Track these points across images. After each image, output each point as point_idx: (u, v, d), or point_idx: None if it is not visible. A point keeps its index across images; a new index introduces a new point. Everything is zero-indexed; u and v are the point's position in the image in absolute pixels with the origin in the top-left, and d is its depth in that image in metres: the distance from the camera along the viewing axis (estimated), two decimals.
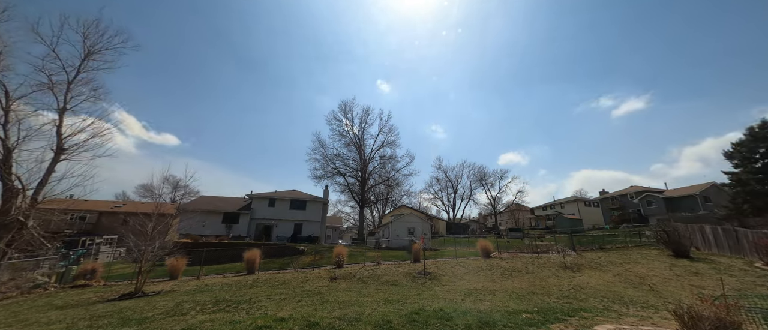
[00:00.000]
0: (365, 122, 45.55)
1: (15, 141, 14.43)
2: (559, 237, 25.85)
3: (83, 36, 17.36)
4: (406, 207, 51.99)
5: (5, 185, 13.72)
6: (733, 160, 25.86)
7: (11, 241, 13.17)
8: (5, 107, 14.51)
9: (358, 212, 46.31)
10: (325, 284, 12.17)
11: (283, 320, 6.14)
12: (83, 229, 33.04)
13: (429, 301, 8.31)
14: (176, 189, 53.63)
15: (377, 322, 5.88)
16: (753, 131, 24.67)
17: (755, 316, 5.41)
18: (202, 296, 10.02)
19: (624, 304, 7.98)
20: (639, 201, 45.23)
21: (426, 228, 30.99)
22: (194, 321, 6.50)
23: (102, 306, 9.22)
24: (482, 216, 68.40)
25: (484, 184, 58.83)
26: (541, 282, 11.89)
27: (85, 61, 17.31)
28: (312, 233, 33.85)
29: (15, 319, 7.84)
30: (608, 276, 12.61)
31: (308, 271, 15.73)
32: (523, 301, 8.49)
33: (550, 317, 6.46)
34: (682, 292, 9.42)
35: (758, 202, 22.60)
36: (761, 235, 14.15)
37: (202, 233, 28.53)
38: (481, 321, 5.96)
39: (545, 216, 56.62)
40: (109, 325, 6.63)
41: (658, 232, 18.10)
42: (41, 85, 15.72)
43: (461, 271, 14.64)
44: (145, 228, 12.25)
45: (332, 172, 43.14)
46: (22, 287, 12.33)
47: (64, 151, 15.57)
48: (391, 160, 46.66)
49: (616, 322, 6.11)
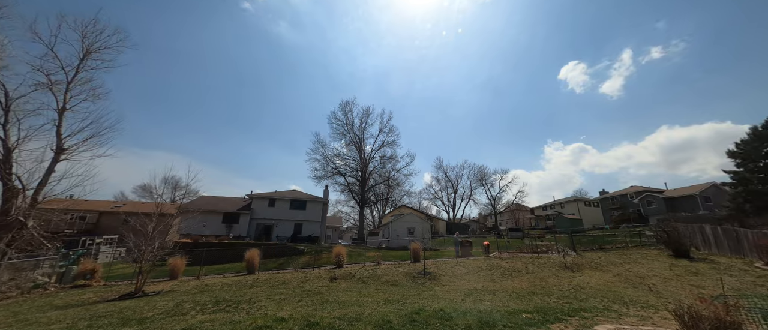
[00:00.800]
0: (365, 122, 45.62)
1: (15, 141, 14.42)
2: (559, 237, 25.84)
3: (81, 35, 17.31)
4: (407, 207, 51.99)
5: (5, 185, 13.70)
6: (736, 158, 25.77)
7: (11, 241, 13.15)
8: (5, 107, 14.49)
9: (358, 212, 46.31)
10: (325, 284, 12.17)
11: (283, 320, 6.14)
12: (83, 229, 33.01)
13: (429, 301, 8.31)
14: (176, 189, 53.61)
15: (377, 322, 5.88)
16: (757, 130, 24.60)
17: (755, 316, 5.40)
18: (202, 296, 10.03)
19: (624, 304, 7.98)
20: (639, 201, 45.21)
21: (426, 228, 30.98)
22: (194, 321, 6.50)
23: (102, 306, 9.22)
24: (482, 216, 68.44)
25: (484, 184, 58.91)
26: (541, 282, 11.89)
27: (84, 61, 17.27)
28: (312, 233, 33.84)
29: (15, 319, 7.84)
30: (608, 276, 12.61)
31: (308, 271, 15.73)
32: (523, 301, 8.50)
33: (551, 317, 6.46)
34: (682, 292, 9.42)
35: (759, 201, 22.56)
36: (761, 235, 14.15)
37: (203, 233, 28.51)
38: (481, 321, 5.95)
39: (545, 216, 56.63)
40: (109, 325, 6.63)
41: (658, 232, 18.09)
42: (40, 84, 15.69)
43: (461, 271, 14.65)
44: (145, 228, 12.25)
45: (332, 172, 43.17)
46: (22, 287, 12.33)
47: (64, 151, 15.55)
48: (391, 160, 46.74)
49: (617, 322, 6.11)
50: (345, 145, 44.85)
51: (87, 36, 17.49)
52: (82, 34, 17.35)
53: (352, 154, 44.65)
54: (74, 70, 16.86)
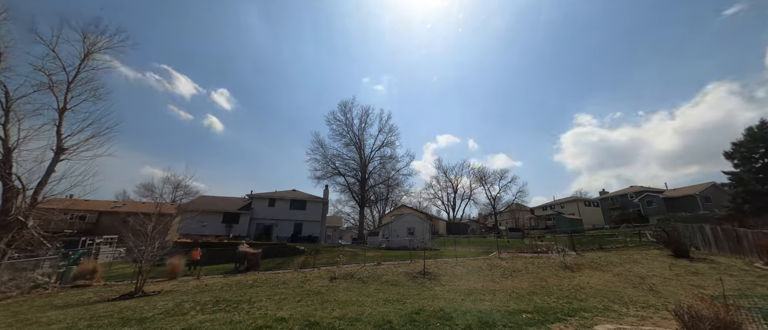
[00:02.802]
0: (365, 122, 45.59)
1: (15, 141, 14.41)
2: (559, 237, 25.86)
3: (83, 35, 17.33)
4: (406, 207, 52.01)
5: (5, 185, 13.70)
6: (733, 159, 25.88)
7: (11, 241, 13.16)
8: (5, 107, 14.49)
9: (358, 212, 46.31)
10: (325, 284, 12.17)
11: (283, 320, 6.15)
12: (83, 229, 33.01)
13: (429, 301, 8.32)
14: (177, 189, 53.59)
15: (377, 322, 5.88)
16: (752, 131, 24.70)
17: (755, 316, 5.41)
18: (202, 296, 10.03)
19: (624, 304, 7.98)
20: (639, 201, 45.22)
21: (426, 228, 30.97)
22: (194, 321, 6.50)
23: (102, 306, 9.22)
24: (482, 216, 68.41)
25: (484, 184, 58.90)
26: (541, 282, 11.90)
27: (85, 61, 17.29)
28: (312, 233, 33.86)
29: (15, 319, 7.84)
30: (608, 276, 12.61)
31: (308, 270, 15.73)
32: (523, 301, 8.50)
33: (551, 317, 6.46)
34: (682, 292, 9.42)
35: (758, 202, 22.57)
36: (761, 235, 14.14)
37: (203, 233, 28.53)
38: (481, 321, 5.96)
39: (545, 216, 56.64)
40: (109, 325, 6.63)
41: (658, 232, 18.08)
42: (41, 85, 15.69)
43: (461, 271, 14.65)
44: (145, 228, 12.26)
45: (332, 172, 43.14)
46: (22, 287, 12.34)
47: (64, 151, 15.55)
48: (391, 160, 46.72)
49: (616, 322, 6.11)
50: (344, 145, 44.89)
51: (88, 36, 17.54)
52: (84, 35, 17.40)
53: (352, 154, 44.67)
54: (75, 71, 16.87)
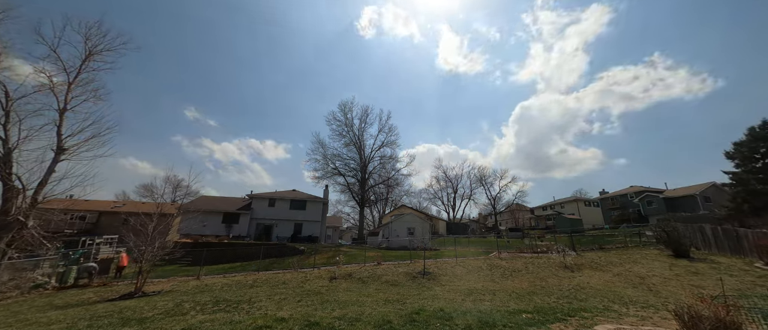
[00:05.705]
0: (365, 122, 45.60)
1: (15, 141, 14.43)
2: (559, 237, 25.87)
3: (85, 37, 17.37)
4: (406, 207, 51.99)
5: (5, 185, 13.71)
6: (734, 159, 25.88)
7: (11, 241, 13.17)
8: (6, 107, 14.50)
9: (358, 212, 46.31)
10: (325, 284, 12.18)
11: (283, 320, 6.15)
12: (83, 229, 33.01)
13: (429, 301, 8.32)
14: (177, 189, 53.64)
15: (377, 322, 5.88)
16: (754, 131, 24.71)
17: (755, 316, 5.41)
18: (202, 296, 10.03)
19: (624, 304, 7.98)
20: (639, 201, 45.21)
21: (426, 228, 30.97)
22: (194, 321, 6.50)
23: (102, 306, 9.22)
24: (482, 216, 68.39)
25: (484, 184, 58.89)
26: (541, 282, 11.89)
27: (86, 62, 17.32)
28: (312, 233, 33.83)
29: (15, 319, 7.84)
30: (608, 276, 12.60)
31: (308, 271, 15.74)
32: (523, 301, 8.50)
33: (550, 317, 6.46)
34: (682, 292, 9.41)
35: (758, 202, 22.57)
36: (761, 235, 14.13)
37: (203, 233, 28.52)
38: (481, 321, 5.96)
39: (545, 216, 56.66)
40: (109, 325, 6.64)
41: (658, 232, 18.07)
42: (42, 85, 15.72)
43: (461, 271, 14.65)
44: (145, 228, 12.26)
45: (332, 172, 43.16)
46: (22, 287, 12.35)
47: (64, 151, 15.56)
48: (391, 160, 46.74)
49: (616, 322, 6.11)
50: (344, 145, 44.88)
51: (90, 38, 17.58)
52: (86, 36, 17.43)
53: (352, 154, 44.68)
54: (76, 72, 16.90)
